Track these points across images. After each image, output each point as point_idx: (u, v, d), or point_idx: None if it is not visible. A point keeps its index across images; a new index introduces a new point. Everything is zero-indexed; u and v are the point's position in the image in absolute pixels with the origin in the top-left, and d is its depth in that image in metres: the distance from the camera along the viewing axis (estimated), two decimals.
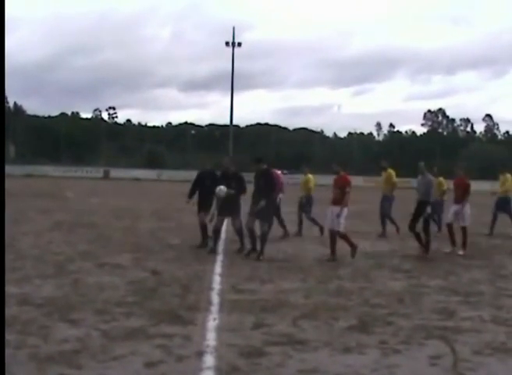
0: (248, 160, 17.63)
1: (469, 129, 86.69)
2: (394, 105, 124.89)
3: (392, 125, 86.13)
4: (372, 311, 6.47)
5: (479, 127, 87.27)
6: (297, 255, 10.55)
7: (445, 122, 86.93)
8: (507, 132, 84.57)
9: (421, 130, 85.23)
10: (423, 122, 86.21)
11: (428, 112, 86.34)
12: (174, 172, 52.73)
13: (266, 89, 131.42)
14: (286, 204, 13.46)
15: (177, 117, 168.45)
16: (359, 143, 72.06)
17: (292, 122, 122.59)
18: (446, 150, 63.14)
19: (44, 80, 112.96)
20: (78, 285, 7.34)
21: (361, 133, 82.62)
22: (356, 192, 14.85)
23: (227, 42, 54.16)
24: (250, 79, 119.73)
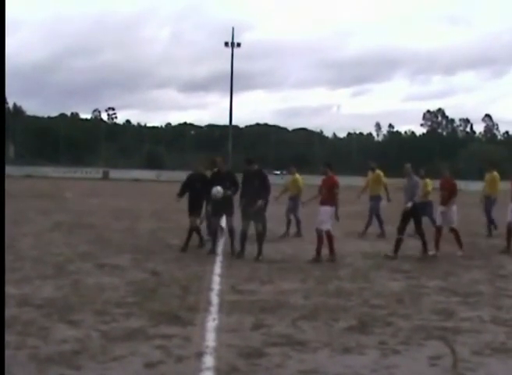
0: None
1: (468, 129, 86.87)
2: (393, 106, 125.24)
3: (391, 125, 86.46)
4: (372, 311, 6.48)
5: (479, 127, 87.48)
6: (297, 255, 10.55)
7: (444, 122, 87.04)
8: (507, 132, 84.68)
9: (420, 131, 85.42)
10: (422, 122, 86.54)
11: (428, 112, 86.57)
12: (173, 172, 52.54)
13: (265, 89, 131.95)
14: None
15: (176, 118, 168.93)
16: (358, 143, 71.90)
17: (291, 122, 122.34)
18: (445, 150, 63.10)
19: (44, 80, 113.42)
20: (78, 286, 7.35)
21: (361, 133, 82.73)
22: (356, 192, 14.90)
23: (226, 43, 54.18)
24: (249, 79, 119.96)
